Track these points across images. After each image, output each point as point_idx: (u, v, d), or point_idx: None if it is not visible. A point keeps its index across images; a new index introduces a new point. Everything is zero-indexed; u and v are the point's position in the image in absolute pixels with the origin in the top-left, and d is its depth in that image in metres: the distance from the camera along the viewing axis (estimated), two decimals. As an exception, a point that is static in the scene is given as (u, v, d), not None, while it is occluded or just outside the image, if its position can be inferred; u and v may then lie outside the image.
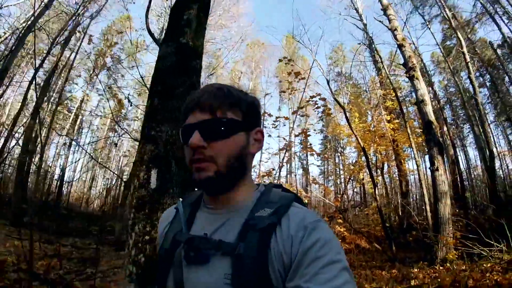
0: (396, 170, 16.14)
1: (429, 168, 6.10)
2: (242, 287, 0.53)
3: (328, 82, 9.86)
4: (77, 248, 6.92)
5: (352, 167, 15.38)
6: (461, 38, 9.94)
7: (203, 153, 0.60)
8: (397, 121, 14.47)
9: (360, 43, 15.52)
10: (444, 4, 12.17)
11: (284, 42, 27.70)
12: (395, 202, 16.05)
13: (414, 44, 14.78)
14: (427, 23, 15.32)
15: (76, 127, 20.63)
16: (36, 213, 9.27)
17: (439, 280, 3.96)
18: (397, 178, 16.17)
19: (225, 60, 13.25)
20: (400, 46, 8.09)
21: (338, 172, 25.28)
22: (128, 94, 8.43)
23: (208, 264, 0.58)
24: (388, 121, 13.83)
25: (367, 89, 20.16)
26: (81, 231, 9.38)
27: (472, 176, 19.61)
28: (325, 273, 0.50)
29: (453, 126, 19.67)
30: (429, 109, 6.57)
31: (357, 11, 13.83)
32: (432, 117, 6.49)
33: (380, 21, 9.45)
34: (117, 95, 13.85)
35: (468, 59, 9.12)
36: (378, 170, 17.40)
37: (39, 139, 9.95)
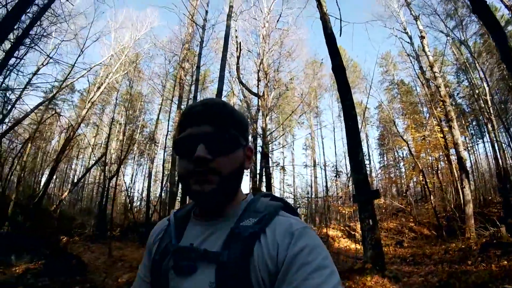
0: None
1: (461, 187, 10.61)
2: None
3: (394, 122, 14.36)
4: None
5: (413, 172, 19.49)
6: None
7: (207, 166, 0.61)
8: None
9: (408, 55, 19.23)
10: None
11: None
12: (451, 195, 19.45)
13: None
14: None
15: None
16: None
17: (460, 245, 8.70)
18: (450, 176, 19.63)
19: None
20: (443, 102, 12.24)
21: (398, 168, 28.86)
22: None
23: (195, 274, 0.59)
24: (440, 130, 17.63)
25: (418, 99, 23.46)
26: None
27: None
28: (314, 278, 0.50)
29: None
30: (461, 148, 10.94)
31: (402, 25, 16.50)
32: (464, 155, 10.85)
33: (428, 79, 13.61)
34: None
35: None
36: (433, 171, 21.15)
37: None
